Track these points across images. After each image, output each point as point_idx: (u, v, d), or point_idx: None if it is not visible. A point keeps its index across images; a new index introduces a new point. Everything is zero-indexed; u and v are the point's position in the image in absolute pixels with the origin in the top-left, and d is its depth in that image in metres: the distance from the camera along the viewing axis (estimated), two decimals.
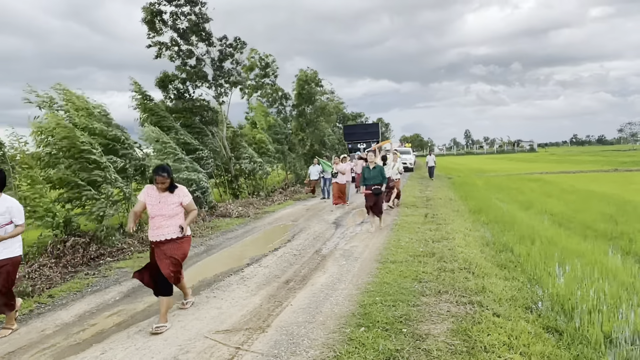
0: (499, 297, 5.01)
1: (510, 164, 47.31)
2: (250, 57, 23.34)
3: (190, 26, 14.98)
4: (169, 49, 15.07)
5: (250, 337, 4.15)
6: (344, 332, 4.14)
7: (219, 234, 10.07)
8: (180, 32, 14.94)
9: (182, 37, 15.08)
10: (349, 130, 29.40)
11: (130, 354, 3.91)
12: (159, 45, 14.93)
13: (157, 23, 14.62)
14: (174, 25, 14.84)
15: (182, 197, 4.67)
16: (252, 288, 5.74)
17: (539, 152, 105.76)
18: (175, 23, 14.84)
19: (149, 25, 14.56)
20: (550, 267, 6.39)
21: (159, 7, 14.46)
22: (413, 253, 7.18)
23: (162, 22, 14.71)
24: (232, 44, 16.35)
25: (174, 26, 14.84)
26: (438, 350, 3.72)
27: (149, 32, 14.67)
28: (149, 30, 14.65)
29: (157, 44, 14.90)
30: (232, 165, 16.56)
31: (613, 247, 7.82)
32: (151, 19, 14.45)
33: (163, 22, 14.74)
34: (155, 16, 14.48)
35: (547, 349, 3.71)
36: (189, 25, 14.97)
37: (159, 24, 14.66)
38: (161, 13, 14.59)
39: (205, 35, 15.44)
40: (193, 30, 15.08)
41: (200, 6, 15.03)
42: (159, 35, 14.84)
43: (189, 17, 14.96)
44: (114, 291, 5.92)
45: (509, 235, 8.54)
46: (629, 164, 34.32)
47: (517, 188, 18.42)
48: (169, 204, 4.57)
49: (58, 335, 4.47)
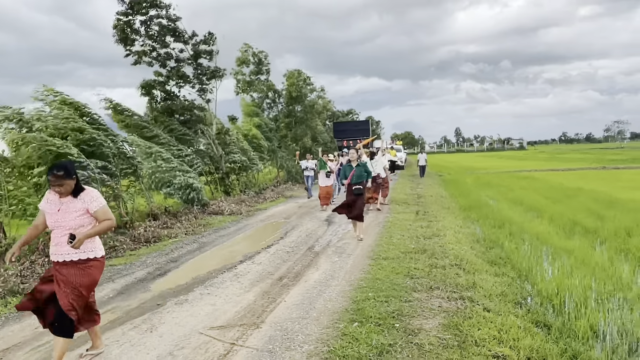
0: (489, 292, 5.10)
1: (500, 161, 47.70)
2: (243, 51, 23.31)
3: (161, 28, 14.93)
4: (146, 55, 14.99)
5: (244, 333, 4.19)
6: (338, 328, 4.20)
7: (212, 231, 10.08)
8: (154, 37, 14.90)
9: (156, 41, 15.03)
10: (339, 128, 29.06)
11: (125, 350, 3.94)
12: (137, 54, 14.84)
13: (129, 35, 14.55)
14: (146, 33, 14.79)
15: (89, 203, 3.51)
16: (246, 285, 5.77)
17: (529, 150, 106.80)
18: (147, 30, 14.79)
19: (122, 41, 14.49)
20: (539, 263, 6.51)
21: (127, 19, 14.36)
22: (405, 250, 7.26)
23: (134, 32, 14.65)
24: (202, 39, 16.32)
25: (147, 33, 14.80)
26: (430, 344, 3.79)
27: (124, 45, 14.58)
28: (123, 45, 14.56)
29: (135, 54, 14.82)
30: (222, 163, 16.55)
31: (600, 244, 7.96)
32: (124, 36, 14.40)
33: (135, 32, 14.68)
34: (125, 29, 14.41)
35: (536, 342, 3.80)
36: (160, 29, 14.91)
37: (131, 35, 14.60)
38: (131, 24, 14.50)
39: (179, 34, 15.42)
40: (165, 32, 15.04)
41: (167, 9, 14.96)
42: (134, 46, 14.78)
43: (159, 21, 14.91)
44: (108, 288, 5.92)
45: (499, 232, 8.66)
46: (616, 162, 34.78)
47: (507, 185, 18.61)
48: (70, 212, 3.47)
49: None
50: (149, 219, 10.76)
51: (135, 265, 7.19)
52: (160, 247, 8.44)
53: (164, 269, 6.89)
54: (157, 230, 9.76)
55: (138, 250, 8.33)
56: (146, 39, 14.82)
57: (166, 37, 15.15)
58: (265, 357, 3.69)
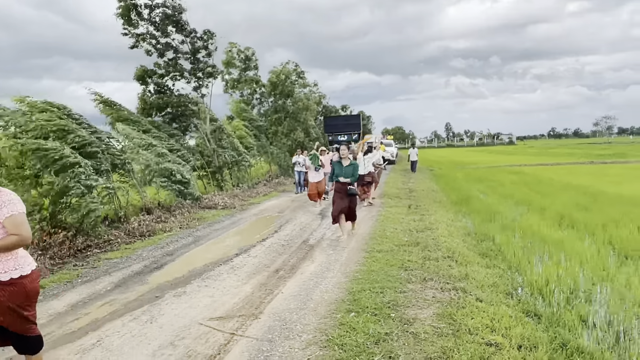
0: (481, 283, 5.23)
1: (490, 156, 48.09)
2: (228, 51, 23.15)
3: (165, 17, 14.86)
4: (146, 41, 14.93)
5: (244, 324, 4.28)
6: (335, 318, 4.30)
7: (206, 225, 10.13)
8: (156, 24, 14.82)
9: (158, 29, 14.96)
10: (330, 122, 28.34)
11: (126, 340, 4.00)
12: (136, 36, 14.78)
13: (132, 16, 14.46)
14: (149, 18, 14.70)
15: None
16: (243, 277, 5.85)
17: (518, 144, 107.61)
18: (151, 15, 14.70)
19: (124, 19, 14.40)
20: (529, 255, 6.65)
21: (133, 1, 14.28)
22: (398, 242, 7.38)
23: (137, 14, 14.56)
24: (201, 37, 16.29)
25: (150, 18, 14.71)
26: (425, 333, 3.90)
27: (125, 25, 14.50)
28: (124, 24, 14.48)
29: (134, 35, 14.75)
30: (215, 157, 16.56)
31: (588, 236, 8.13)
32: (127, 12, 14.30)
33: (139, 15, 14.59)
34: (130, 10, 14.32)
35: (526, 331, 3.93)
36: (164, 17, 14.84)
37: (134, 17, 14.51)
38: (136, 6, 14.43)
39: (181, 25, 15.35)
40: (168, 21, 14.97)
41: None
42: (135, 28, 14.70)
43: (164, 9, 14.85)
44: (105, 281, 5.96)
45: (489, 226, 8.81)
46: (604, 157, 35.27)
47: (497, 180, 18.82)
48: None
49: (52, 324, 4.53)
50: (143, 213, 10.78)
51: (132, 258, 7.23)
52: (155, 241, 8.48)
53: (160, 262, 6.94)
54: (151, 224, 9.79)
55: (133, 244, 8.36)
56: (148, 25, 14.75)
57: (168, 26, 15.07)
58: (265, 347, 3.78)
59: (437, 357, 3.48)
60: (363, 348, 3.62)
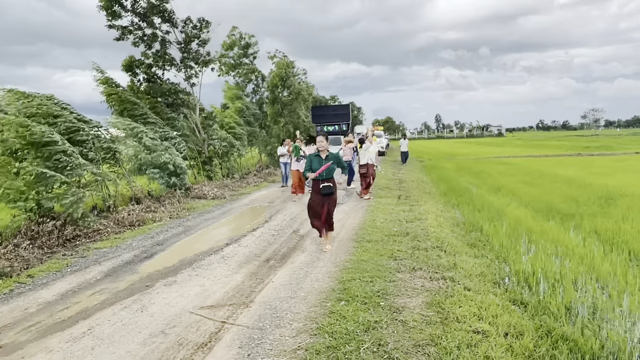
0: (469, 273, 5.31)
1: (479, 147, 48.40)
2: (231, 35, 22.91)
3: (149, 7, 14.64)
4: (132, 33, 14.72)
5: (234, 312, 4.31)
6: (325, 306, 4.34)
7: (196, 215, 10.11)
8: (140, 15, 14.60)
9: (143, 19, 14.74)
10: (318, 112, 26.97)
11: (117, 329, 4.01)
12: (121, 29, 14.56)
13: (115, 8, 14.23)
14: (133, 9, 14.48)
15: None
16: (233, 266, 5.87)
17: (507, 136, 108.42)
18: (134, 7, 14.47)
19: (107, 12, 14.16)
20: (516, 245, 6.76)
21: None
22: (388, 233, 7.44)
23: (120, 6, 14.33)
24: (196, 25, 16.10)
25: (134, 9, 14.48)
26: (414, 321, 3.96)
27: (108, 17, 14.27)
28: (107, 16, 14.25)
29: (119, 28, 14.53)
30: (205, 147, 16.48)
31: (574, 227, 8.27)
32: (109, 5, 14.06)
33: (122, 6, 14.37)
34: (113, 2, 14.08)
35: (513, 319, 4.00)
36: (148, 7, 14.62)
37: (117, 8, 14.28)
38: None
39: (167, 15, 15.15)
40: (154, 12, 14.75)
41: None
42: (119, 20, 14.47)
43: None
44: (95, 271, 5.95)
45: (478, 216, 8.91)
46: (591, 149, 35.67)
47: (485, 171, 18.99)
48: None
49: (42, 313, 4.52)
50: (132, 202, 10.72)
51: (121, 248, 7.20)
52: (145, 231, 8.45)
53: (150, 251, 6.93)
54: (140, 214, 9.74)
55: (122, 233, 8.33)
56: (133, 16, 14.52)
57: (154, 17, 14.85)
58: (256, 334, 3.81)
59: (425, 344, 3.54)
60: (353, 336, 3.67)
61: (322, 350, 3.45)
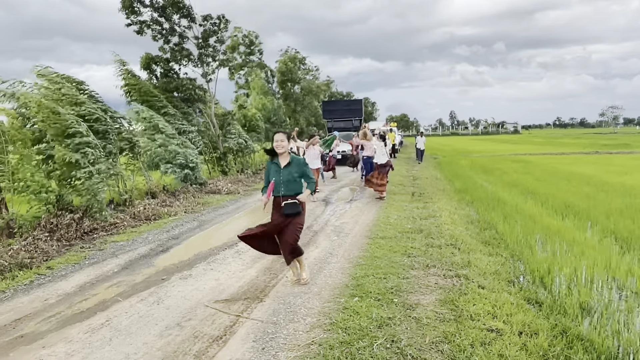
0: (483, 271, 5.29)
1: (494, 145, 47.93)
2: (233, 35, 22.96)
3: (168, 2, 14.80)
4: (150, 27, 14.91)
5: (249, 306, 4.36)
6: (339, 302, 4.36)
7: (211, 209, 10.21)
8: (159, 10, 14.77)
9: (162, 15, 14.91)
10: (329, 107, 25.78)
11: (134, 321, 4.09)
12: (140, 23, 14.76)
13: (135, 5, 14.44)
14: (152, 4, 14.65)
15: None
16: (248, 261, 5.93)
17: (523, 134, 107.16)
18: (153, 1, 14.65)
19: (127, 10, 14.37)
20: (531, 244, 6.70)
21: None
22: (401, 229, 7.43)
23: (140, 2, 14.53)
24: (215, 23, 16.20)
25: (152, 4, 14.66)
26: (427, 318, 3.97)
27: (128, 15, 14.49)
28: (128, 14, 14.46)
29: (138, 23, 14.74)
30: (220, 143, 16.59)
31: (591, 225, 8.16)
32: (129, 4, 14.27)
33: (141, 2, 14.56)
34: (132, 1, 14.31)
35: (527, 318, 3.98)
36: (167, 1, 14.78)
37: (137, 5, 14.48)
38: None
39: (186, 10, 15.28)
40: (172, 7, 14.91)
41: None
42: (139, 16, 14.69)
43: None
44: (112, 264, 6.05)
45: (493, 214, 8.84)
46: (609, 147, 35.10)
47: (501, 169, 18.81)
48: None
49: (61, 304, 4.62)
50: (148, 197, 10.86)
51: (137, 241, 7.31)
52: (160, 225, 8.56)
53: (166, 245, 7.02)
54: (156, 208, 9.87)
55: (139, 227, 8.45)
56: (152, 11, 14.72)
57: (173, 13, 15.04)
58: (270, 329, 3.85)
59: (439, 341, 3.55)
60: (366, 331, 3.69)
61: (336, 345, 3.48)
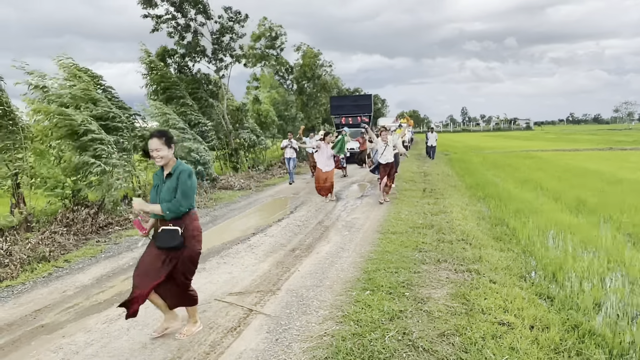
0: (494, 266, 5.30)
1: (506, 141, 47.53)
2: (261, 25, 22.90)
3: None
4: (166, 22, 15.06)
5: (262, 299, 4.43)
6: (351, 295, 4.42)
7: (223, 205, 10.31)
8: (176, 4, 14.90)
9: (178, 10, 15.05)
10: (337, 102, 24.86)
11: (150, 313, 4.17)
12: (155, 18, 14.91)
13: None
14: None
15: None
16: (260, 255, 6.00)
17: (535, 130, 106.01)
18: None
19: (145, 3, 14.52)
20: (543, 239, 6.68)
21: None
22: (412, 225, 7.45)
23: None
24: (232, 17, 16.29)
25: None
26: (439, 311, 4.00)
27: (144, 5, 14.63)
28: (144, 5, 14.61)
29: (154, 17, 14.88)
30: (232, 139, 16.71)
31: (604, 222, 8.11)
32: None
33: None
34: None
35: (539, 312, 4.00)
36: None
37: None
38: None
39: (202, 7, 15.39)
40: (189, 3, 15.03)
41: None
42: (155, 9, 14.84)
43: None
44: (127, 257, 6.17)
45: (504, 210, 8.82)
46: (623, 143, 34.64)
47: (512, 165, 18.69)
48: None
49: (79, 296, 4.74)
50: None
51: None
52: None
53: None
54: None
55: None
56: (169, 5, 14.88)
57: (190, 9, 15.20)
58: (283, 321, 3.92)
59: (450, 334, 3.58)
60: (378, 324, 3.74)
61: (348, 337, 3.53)
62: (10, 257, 5.92)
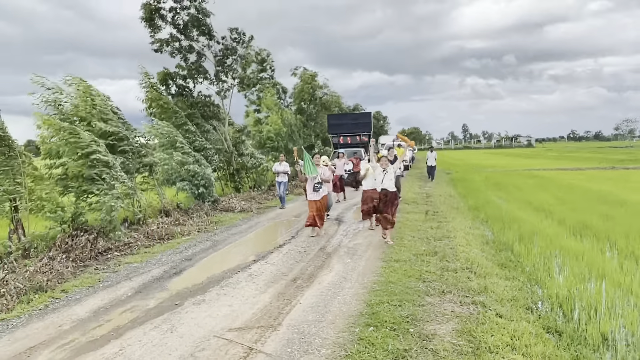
0: (500, 297, 5.18)
1: (508, 159, 47.51)
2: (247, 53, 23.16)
3: (190, 20, 15.08)
4: (169, 44, 15.20)
5: (262, 336, 4.31)
6: (354, 332, 4.30)
7: (224, 229, 10.21)
8: (179, 27, 15.06)
9: (181, 32, 15.19)
10: (335, 121, 23.64)
11: (148, 350, 4.06)
12: (160, 42, 15.07)
13: (155, 19, 14.74)
14: (173, 21, 14.94)
15: None
16: (261, 285, 5.89)
17: (537, 147, 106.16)
18: (175, 18, 14.94)
19: (148, 23, 14.67)
20: (549, 267, 6.57)
21: (157, 5, 14.55)
22: (416, 252, 7.34)
23: (160, 18, 14.82)
24: (236, 39, 16.43)
25: (173, 22, 14.95)
26: (445, 350, 3.88)
27: (149, 29, 14.79)
28: (148, 28, 14.77)
29: (158, 41, 15.04)
30: (233, 159, 16.68)
31: (610, 247, 7.99)
32: (150, 16, 14.56)
33: (162, 18, 14.85)
34: (154, 13, 14.58)
35: (547, 349, 3.88)
36: (189, 19, 15.06)
37: (157, 20, 14.78)
38: (160, 10, 14.69)
39: (206, 29, 15.53)
40: (194, 25, 15.19)
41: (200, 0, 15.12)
42: (159, 32, 14.99)
43: (189, 11, 15.07)
44: (126, 287, 6.06)
45: (508, 234, 8.71)
46: (625, 162, 34.56)
47: (515, 185, 18.60)
48: None
49: (76, 330, 4.62)
50: (161, 215, 10.91)
51: (151, 263, 7.32)
52: (174, 245, 8.58)
53: (179, 267, 7.02)
54: (169, 227, 9.90)
55: (152, 247, 8.48)
56: (172, 28, 15.04)
57: (193, 30, 15.34)
58: None
59: None
60: None
61: None
62: (6, 287, 5.82)
